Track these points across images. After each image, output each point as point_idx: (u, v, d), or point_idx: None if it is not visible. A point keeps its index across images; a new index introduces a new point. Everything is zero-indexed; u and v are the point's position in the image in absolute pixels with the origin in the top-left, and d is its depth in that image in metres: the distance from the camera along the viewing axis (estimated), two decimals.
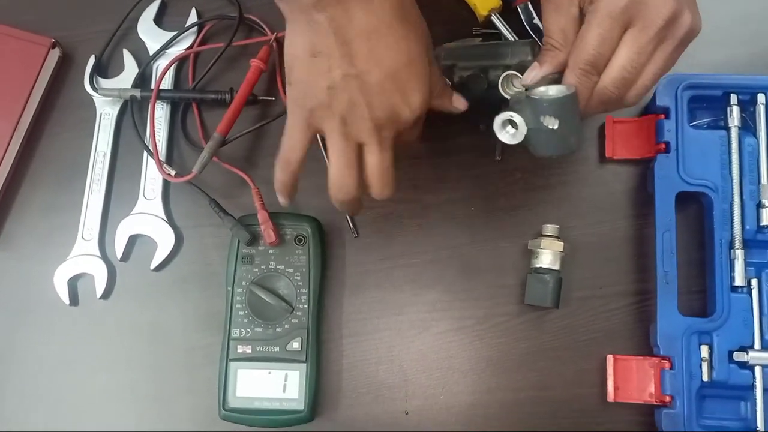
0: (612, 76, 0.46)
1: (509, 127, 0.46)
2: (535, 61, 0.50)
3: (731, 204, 0.57)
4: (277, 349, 0.56)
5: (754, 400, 0.54)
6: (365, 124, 0.46)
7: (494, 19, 0.63)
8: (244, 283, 0.57)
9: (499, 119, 0.46)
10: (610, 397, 0.56)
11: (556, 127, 0.45)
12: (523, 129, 0.46)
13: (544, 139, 0.46)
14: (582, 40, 0.46)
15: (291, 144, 0.49)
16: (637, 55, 0.45)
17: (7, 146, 0.62)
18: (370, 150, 0.47)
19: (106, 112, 0.64)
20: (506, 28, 0.63)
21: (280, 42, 0.64)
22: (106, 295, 0.61)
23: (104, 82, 0.65)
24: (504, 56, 0.54)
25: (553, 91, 0.45)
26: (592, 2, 0.46)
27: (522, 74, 0.51)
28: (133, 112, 0.64)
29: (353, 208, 0.52)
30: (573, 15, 0.47)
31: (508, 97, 0.52)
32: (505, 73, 0.52)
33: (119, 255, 0.61)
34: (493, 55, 0.55)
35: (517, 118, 0.45)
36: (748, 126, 0.59)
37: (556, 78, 0.48)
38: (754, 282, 0.56)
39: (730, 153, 0.58)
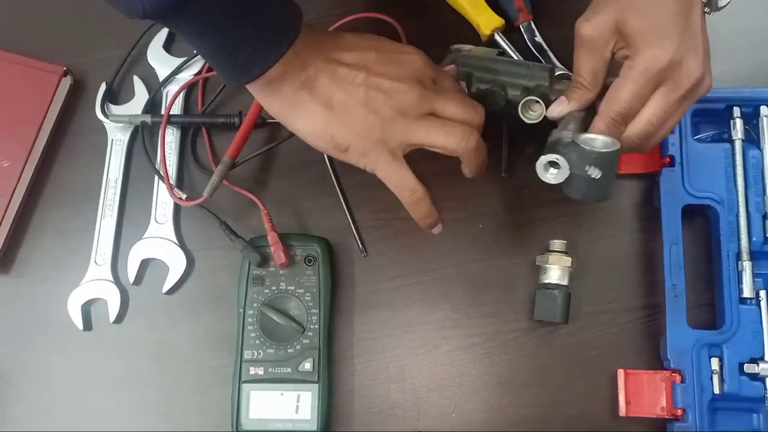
0: (638, 128, 0.49)
1: (552, 169, 0.47)
2: (563, 96, 0.52)
3: (737, 216, 0.58)
4: (289, 370, 0.57)
5: (766, 411, 0.54)
6: (407, 97, 0.49)
7: (497, 38, 0.64)
8: (255, 305, 0.58)
9: (544, 159, 0.47)
10: (622, 411, 0.56)
11: (598, 176, 0.46)
12: (565, 173, 0.46)
13: (583, 185, 0.47)
14: (617, 93, 0.48)
15: (399, 181, 0.50)
16: (664, 112, 0.48)
17: (21, 172, 0.63)
18: (439, 105, 0.50)
19: (118, 138, 0.65)
20: (509, 47, 0.64)
21: None
22: (119, 319, 0.61)
23: (115, 109, 0.66)
24: (522, 77, 0.55)
25: (599, 143, 0.47)
26: (631, 57, 0.48)
27: (539, 98, 0.53)
28: (143, 137, 0.65)
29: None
30: (606, 59, 0.50)
31: (527, 122, 0.54)
32: (526, 98, 0.54)
33: (132, 279, 0.62)
34: (512, 74, 0.56)
35: (562, 162, 0.46)
36: (752, 138, 0.60)
37: (582, 116, 0.51)
38: (762, 293, 0.56)
39: (734, 165, 0.59)
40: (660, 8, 0.47)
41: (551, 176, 0.47)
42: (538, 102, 0.53)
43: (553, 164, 0.47)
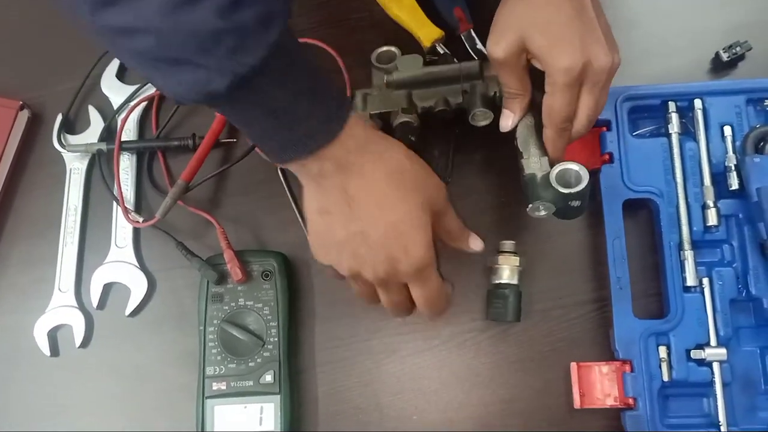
0: (581, 122, 0.53)
1: (541, 210, 0.53)
2: (505, 110, 0.56)
3: (677, 207, 0.59)
4: (251, 383, 0.58)
5: (715, 395, 0.56)
6: (371, 275, 0.49)
7: (438, 48, 0.66)
8: (215, 322, 0.59)
9: (533, 207, 0.53)
10: (577, 404, 0.58)
11: (579, 204, 0.52)
12: (552, 209, 0.53)
13: (567, 212, 0.53)
14: (551, 106, 0.52)
15: (360, 290, 0.52)
16: (595, 102, 0.52)
17: None
18: (383, 291, 0.51)
19: (76, 167, 0.67)
20: (450, 58, 0.65)
21: None
22: (84, 343, 0.63)
23: (72, 139, 0.67)
24: (456, 80, 0.59)
25: (574, 178, 0.52)
26: (547, 72, 0.51)
27: (476, 93, 0.58)
28: (101, 165, 0.66)
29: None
30: (523, 67, 0.53)
31: (479, 125, 0.59)
32: (475, 111, 0.58)
33: (95, 304, 0.63)
34: (447, 81, 0.60)
35: (547, 205, 0.53)
36: (689, 131, 0.62)
37: (532, 123, 0.56)
38: (705, 281, 0.58)
39: (672, 158, 0.61)
40: (556, 18, 0.50)
41: (542, 214, 0.54)
42: (484, 111, 0.58)
43: (542, 206, 0.53)
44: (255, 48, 0.39)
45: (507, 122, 0.56)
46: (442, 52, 0.66)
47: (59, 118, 0.67)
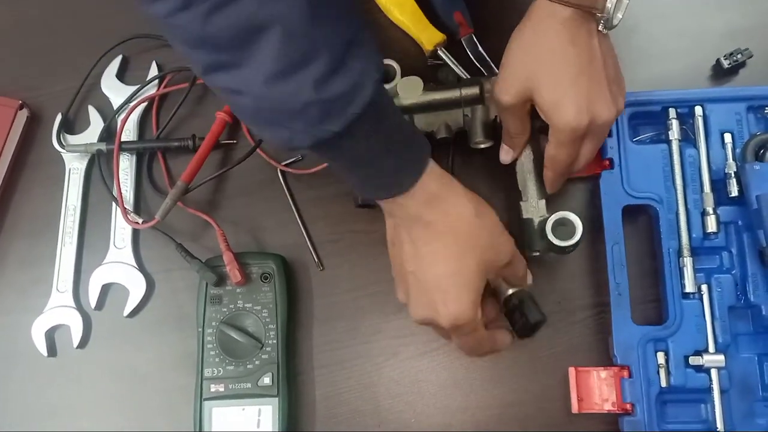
0: (580, 164, 0.56)
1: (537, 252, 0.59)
2: (505, 146, 0.59)
3: (677, 214, 0.60)
4: (249, 385, 0.58)
5: (713, 401, 0.56)
6: (414, 313, 0.52)
7: (440, 53, 0.66)
8: (213, 323, 0.59)
9: (530, 253, 0.58)
10: (575, 408, 0.58)
11: (573, 250, 0.57)
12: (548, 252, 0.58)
13: (564, 252, 0.58)
14: (555, 156, 0.54)
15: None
16: (595, 148, 0.56)
17: None
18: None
19: (75, 167, 0.67)
20: (452, 61, 0.65)
21: None
22: (82, 344, 0.63)
23: (71, 138, 0.67)
24: (456, 104, 0.61)
25: (569, 232, 0.56)
26: (551, 126, 0.52)
27: (480, 116, 0.60)
28: (100, 165, 0.66)
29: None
30: (527, 112, 0.55)
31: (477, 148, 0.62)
32: (476, 139, 0.61)
33: (93, 304, 0.63)
34: (447, 105, 0.61)
35: (544, 251, 0.58)
36: (689, 138, 0.62)
37: (532, 157, 0.59)
38: (704, 288, 0.58)
39: (672, 165, 0.61)
40: (563, 74, 0.51)
41: (537, 254, 0.58)
42: (484, 139, 0.61)
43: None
44: (339, 117, 0.42)
45: (507, 157, 0.59)
46: (443, 56, 0.66)
47: (59, 117, 0.67)
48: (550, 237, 0.56)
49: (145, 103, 0.68)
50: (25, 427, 0.62)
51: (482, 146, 0.61)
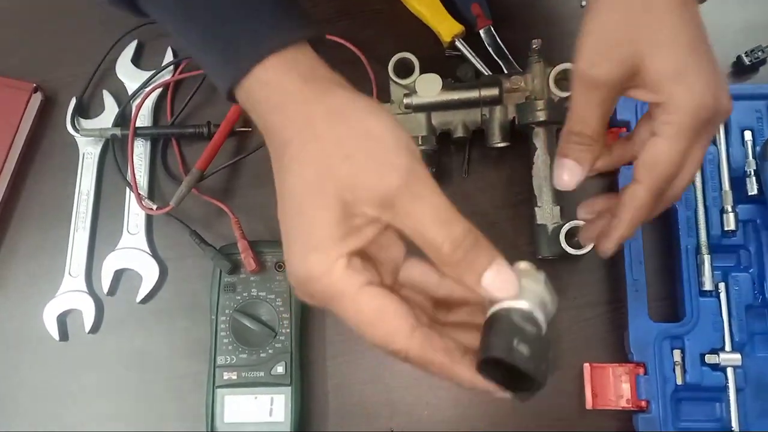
0: (680, 187, 0.42)
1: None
2: (566, 159, 0.42)
3: (695, 211, 0.59)
4: (262, 374, 0.58)
5: (728, 400, 0.56)
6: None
7: (458, 44, 0.65)
8: (227, 311, 0.59)
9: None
10: (589, 404, 0.57)
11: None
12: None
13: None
14: (658, 158, 0.40)
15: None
16: (700, 160, 0.42)
17: None
18: None
19: (89, 151, 0.66)
20: (470, 53, 0.65)
21: None
22: (94, 329, 0.62)
23: (86, 123, 0.67)
24: (475, 104, 0.60)
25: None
26: (666, 109, 0.39)
27: (498, 117, 0.59)
28: (114, 150, 0.66)
29: None
30: (618, 92, 0.41)
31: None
32: (492, 141, 0.60)
33: (106, 290, 0.63)
34: (466, 104, 0.60)
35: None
36: None
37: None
38: (721, 286, 0.58)
39: None
40: (683, 37, 0.39)
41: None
42: (501, 141, 0.60)
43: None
44: None
45: (572, 180, 0.42)
46: (461, 47, 0.65)
47: (73, 101, 0.67)
48: (564, 245, 0.57)
49: (160, 89, 0.67)
50: (35, 411, 0.61)
51: (498, 145, 0.60)
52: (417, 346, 0.34)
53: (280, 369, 0.58)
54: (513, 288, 0.35)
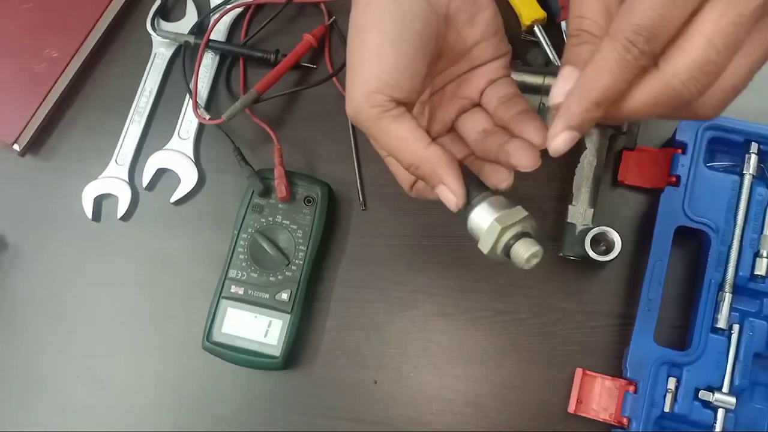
0: (686, 61, 0.30)
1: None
2: (566, 68, 0.35)
3: (729, 247, 0.58)
4: (267, 296, 0.60)
5: None
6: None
7: (536, 29, 0.65)
8: (249, 230, 0.61)
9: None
10: (571, 408, 0.57)
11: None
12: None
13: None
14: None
15: None
16: (731, 32, 0.29)
17: (66, 66, 0.67)
18: None
19: (161, 52, 0.69)
20: (546, 41, 0.65)
21: (336, 25, 0.68)
22: (126, 217, 0.65)
23: (164, 25, 0.69)
24: (537, 90, 0.60)
25: (606, 251, 0.57)
26: None
27: None
28: (184, 57, 0.68)
29: None
30: None
31: None
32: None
33: (145, 184, 0.66)
34: (527, 90, 0.60)
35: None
36: (764, 176, 0.60)
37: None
38: (735, 327, 0.57)
39: (739, 198, 0.59)
40: None
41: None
42: None
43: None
44: None
45: (560, 90, 0.34)
46: (539, 33, 0.65)
47: (158, 1, 0.69)
48: (587, 249, 0.57)
49: (241, 9, 0.69)
50: (52, 280, 0.65)
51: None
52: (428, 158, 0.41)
53: (284, 296, 0.60)
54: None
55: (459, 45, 0.44)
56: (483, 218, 0.42)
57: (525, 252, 0.41)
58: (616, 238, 0.57)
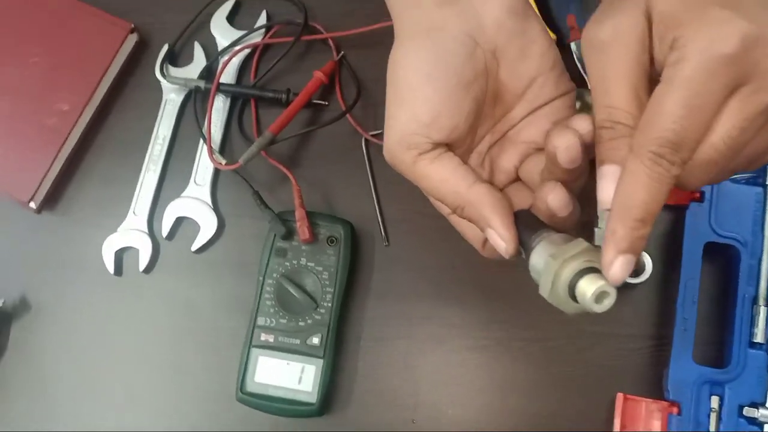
0: (702, 158, 0.31)
1: None
2: (604, 166, 0.35)
3: (759, 261, 0.57)
4: (298, 342, 0.59)
5: None
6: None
7: None
8: (274, 275, 0.60)
9: None
10: None
11: None
12: None
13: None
14: (657, 107, 0.30)
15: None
16: (743, 131, 0.30)
17: (78, 117, 0.66)
18: None
19: (172, 98, 0.68)
20: None
21: (345, 60, 0.67)
22: (148, 269, 0.65)
23: (173, 71, 0.69)
24: None
25: (634, 274, 0.50)
26: (674, 46, 0.30)
27: None
28: (195, 101, 0.68)
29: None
30: (645, 65, 0.32)
31: None
32: None
33: (165, 233, 0.65)
34: None
35: None
36: None
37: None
38: None
39: (764, 210, 0.58)
40: None
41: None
42: None
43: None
44: None
45: (607, 192, 0.35)
46: None
47: (165, 47, 0.69)
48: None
49: (249, 50, 0.69)
50: (75, 334, 0.64)
51: None
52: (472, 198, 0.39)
53: (315, 340, 0.59)
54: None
55: (514, 82, 0.42)
56: (540, 258, 0.36)
57: (590, 287, 0.34)
58: (647, 260, 0.56)
